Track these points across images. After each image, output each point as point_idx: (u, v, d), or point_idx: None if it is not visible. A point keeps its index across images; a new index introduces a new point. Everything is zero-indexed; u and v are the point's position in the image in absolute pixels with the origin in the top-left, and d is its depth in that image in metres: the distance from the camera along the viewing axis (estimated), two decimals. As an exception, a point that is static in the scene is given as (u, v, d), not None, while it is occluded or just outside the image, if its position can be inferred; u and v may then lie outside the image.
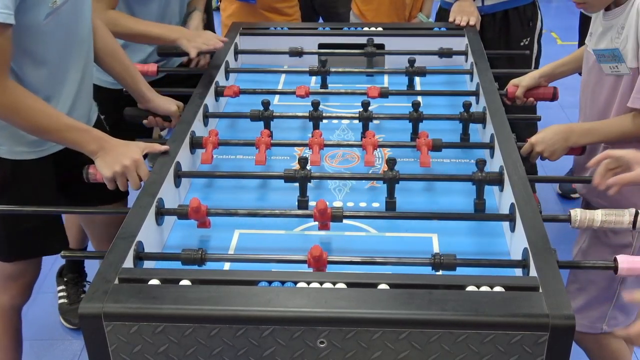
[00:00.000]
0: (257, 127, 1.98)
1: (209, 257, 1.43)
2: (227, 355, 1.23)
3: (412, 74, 2.24)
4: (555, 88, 2.13)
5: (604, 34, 1.79)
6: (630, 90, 1.72)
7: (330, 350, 1.21)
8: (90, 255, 1.80)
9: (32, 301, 2.75)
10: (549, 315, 1.18)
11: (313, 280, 1.28)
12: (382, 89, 2.10)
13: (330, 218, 1.52)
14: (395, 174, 1.64)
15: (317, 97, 2.09)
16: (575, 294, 1.92)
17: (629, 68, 1.71)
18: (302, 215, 1.61)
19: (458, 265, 1.40)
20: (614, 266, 1.37)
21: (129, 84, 2.04)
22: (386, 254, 1.48)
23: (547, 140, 1.81)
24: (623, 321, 1.90)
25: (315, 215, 1.51)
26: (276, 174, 1.71)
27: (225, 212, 1.58)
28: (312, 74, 2.30)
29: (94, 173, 1.70)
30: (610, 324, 1.90)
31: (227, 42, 2.35)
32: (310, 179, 1.67)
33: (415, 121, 1.96)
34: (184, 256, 1.42)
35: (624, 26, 1.71)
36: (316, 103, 1.99)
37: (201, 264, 1.42)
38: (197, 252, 1.42)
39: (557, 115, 4.09)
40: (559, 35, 5.50)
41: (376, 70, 2.40)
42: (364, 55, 2.40)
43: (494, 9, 2.80)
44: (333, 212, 1.52)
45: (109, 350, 1.23)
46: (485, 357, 1.20)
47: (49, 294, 2.79)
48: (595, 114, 1.86)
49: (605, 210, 1.49)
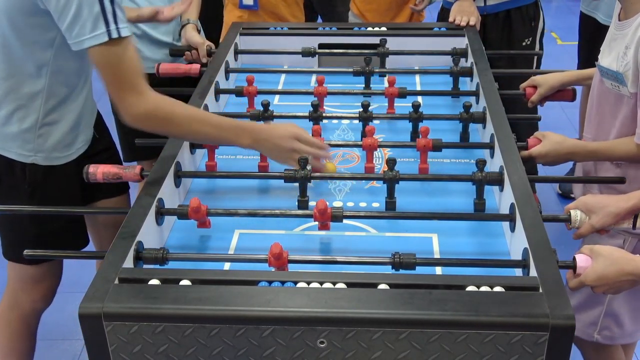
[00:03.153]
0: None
1: (210, 257, 1.43)
2: (227, 355, 1.23)
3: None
4: (574, 89, 2.13)
5: (612, 47, 1.77)
6: (631, 112, 1.72)
7: (330, 350, 1.21)
8: (90, 255, 1.80)
9: (32, 301, 2.75)
10: (549, 315, 1.18)
11: (313, 280, 1.28)
12: (400, 90, 2.11)
13: (330, 218, 1.52)
14: (395, 174, 1.64)
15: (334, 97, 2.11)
16: (569, 295, 1.91)
17: (630, 92, 1.70)
18: (302, 215, 1.61)
19: (458, 265, 1.40)
20: (573, 265, 1.37)
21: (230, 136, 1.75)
22: (386, 254, 1.48)
23: (549, 157, 1.83)
24: (618, 333, 1.87)
25: (315, 215, 1.51)
26: (276, 174, 1.71)
27: (225, 212, 1.58)
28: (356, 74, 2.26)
29: (94, 173, 1.70)
30: (604, 334, 1.88)
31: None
32: (310, 179, 1.67)
33: (415, 121, 1.96)
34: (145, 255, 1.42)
35: (629, 47, 1.69)
36: (316, 104, 1.99)
37: (162, 264, 1.42)
38: (159, 252, 1.42)
39: (558, 116, 4.09)
40: (559, 35, 5.50)
41: (387, 70, 2.39)
42: (376, 55, 2.38)
43: (497, 9, 2.81)
44: (333, 212, 1.52)
45: (109, 350, 1.23)
46: (485, 357, 1.20)
47: (49, 294, 2.79)
48: (599, 124, 1.86)
49: None
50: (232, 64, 2.38)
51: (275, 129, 1.70)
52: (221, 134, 1.67)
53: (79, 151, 1.91)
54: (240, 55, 2.49)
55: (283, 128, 1.70)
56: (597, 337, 1.89)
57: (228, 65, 2.32)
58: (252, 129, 1.69)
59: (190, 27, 2.46)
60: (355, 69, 2.25)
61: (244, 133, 1.68)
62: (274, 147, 1.67)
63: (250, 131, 1.68)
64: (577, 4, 3.36)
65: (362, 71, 2.24)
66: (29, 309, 2.05)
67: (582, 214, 1.51)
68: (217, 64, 2.27)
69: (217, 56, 2.32)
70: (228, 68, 2.31)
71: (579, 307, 1.87)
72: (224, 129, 1.67)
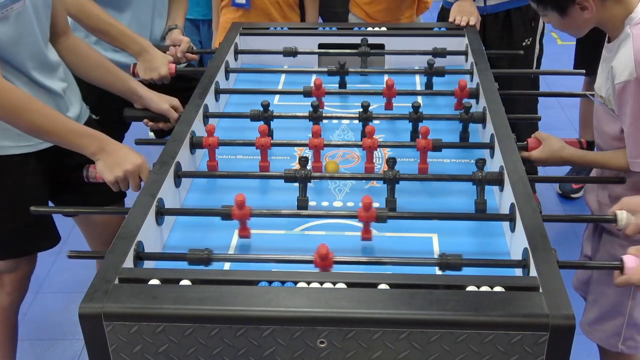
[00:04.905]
0: (257, 127, 1.98)
1: (212, 257, 1.43)
2: (227, 355, 1.23)
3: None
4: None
5: (603, 68, 1.79)
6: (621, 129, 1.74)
7: (330, 350, 1.21)
8: (91, 255, 1.80)
9: (32, 301, 2.76)
10: (549, 315, 1.18)
11: (313, 280, 1.28)
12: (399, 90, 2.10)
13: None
14: (395, 174, 1.64)
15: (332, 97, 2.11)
16: (591, 305, 1.92)
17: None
18: (302, 215, 1.61)
19: (463, 266, 1.40)
20: (621, 266, 1.37)
21: (119, 87, 2.04)
22: (386, 254, 1.48)
23: (547, 164, 1.88)
24: None
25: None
26: (276, 174, 1.71)
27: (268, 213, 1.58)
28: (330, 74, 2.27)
29: (94, 172, 1.70)
30: (628, 345, 1.88)
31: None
32: (310, 179, 1.67)
33: (415, 122, 1.96)
34: (190, 256, 1.41)
35: (611, 72, 1.70)
36: (316, 105, 1.99)
37: (207, 264, 1.42)
38: (204, 252, 1.41)
39: (558, 116, 4.09)
40: (559, 35, 5.50)
41: (394, 70, 2.38)
42: (357, 55, 2.39)
43: (497, 9, 2.80)
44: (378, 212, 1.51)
45: (109, 350, 1.23)
46: (485, 357, 1.20)
47: (49, 294, 2.79)
48: (599, 132, 1.87)
49: None
50: (232, 64, 2.38)
51: (125, 149, 1.72)
52: (68, 135, 1.69)
53: (40, 145, 1.87)
54: (240, 55, 2.49)
55: (134, 154, 1.71)
56: (622, 347, 1.89)
57: (228, 65, 2.32)
58: (102, 139, 1.72)
59: (176, 32, 2.46)
60: (330, 69, 2.25)
61: (92, 140, 1.70)
62: (113, 162, 1.68)
63: (99, 140, 1.71)
64: (577, 4, 3.34)
65: (337, 71, 2.24)
66: (6, 303, 2.06)
67: (628, 214, 1.50)
68: (217, 64, 2.27)
69: (217, 56, 2.32)
70: (228, 68, 2.31)
71: (601, 318, 1.87)
72: (71, 130, 1.69)
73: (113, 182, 1.69)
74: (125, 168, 1.67)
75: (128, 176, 1.68)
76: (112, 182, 1.69)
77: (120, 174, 1.67)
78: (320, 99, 2.06)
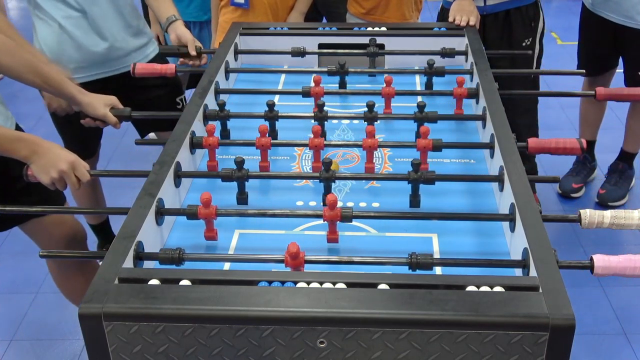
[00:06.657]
0: (257, 127, 1.98)
1: (205, 257, 1.43)
2: (227, 355, 1.23)
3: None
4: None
5: None
6: None
7: (330, 350, 1.21)
8: (91, 255, 1.80)
9: (32, 301, 2.76)
10: (549, 315, 1.18)
11: (313, 280, 1.28)
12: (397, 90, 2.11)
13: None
14: (420, 175, 1.63)
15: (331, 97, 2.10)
16: None
17: None
18: (302, 215, 1.61)
19: (456, 265, 1.40)
20: (590, 265, 1.37)
21: (56, 90, 1.99)
22: (386, 254, 1.48)
23: None
24: None
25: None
26: (276, 174, 1.71)
27: (235, 213, 1.58)
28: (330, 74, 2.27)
29: (33, 174, 1.71)
30: None
31: None
32: (335, 179, 1.66)
33: (420, 121, 1.95)
34: (161, 256, 1.42)
35: None
36: (321, 104, 1.98)
37: (179, 264, 1.42)
38: (175, 252, 1.42)
39: (558, 116, 4.09)
40: (559, 35, 5.50)
41: (394, 70, 2.38)
42: (365, 55, 2.39)
43: (496, 9, 2.80)
44: (342, 212, 1.51)
45: (109, 351, 1.23)
46: (485, 357, 1.20)
47: (49, 294, 2.79)
48: None
49: (615, 211, 1.49)
50: (232, 64, 2.38)
51: (57, 148, 1.73)
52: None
53: None
54: (240, 55, 2.49)
55: (66, 152, 1.72)
56: None
57: (228, 65, 2.32)
58: (33, 141, 1.72)
59: (179, 23, 2.43)
60: (330, 69, 2.25)
61: (23, 144, 1.70)
62: (48, 162, 1.69)
63: (31, 143, 1.71)
64: (577, 4, 3.34)
65: (337, 71, 2.24)
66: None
67: (591, 213, 1.50)
68: (217, 64, 2.27)
69: (217, 56, 2.32)
70: (228, 68, 2.31)
71: None
72: (0, 135, 1.69)
73: (49, 183, 1.71)
74: (59, 168, 1.69)
75: (63, 175, 1.70)
76: (49, 183, 1.71)
77: (55, 175, 1.69)
78: (319, 99, 2.06)
